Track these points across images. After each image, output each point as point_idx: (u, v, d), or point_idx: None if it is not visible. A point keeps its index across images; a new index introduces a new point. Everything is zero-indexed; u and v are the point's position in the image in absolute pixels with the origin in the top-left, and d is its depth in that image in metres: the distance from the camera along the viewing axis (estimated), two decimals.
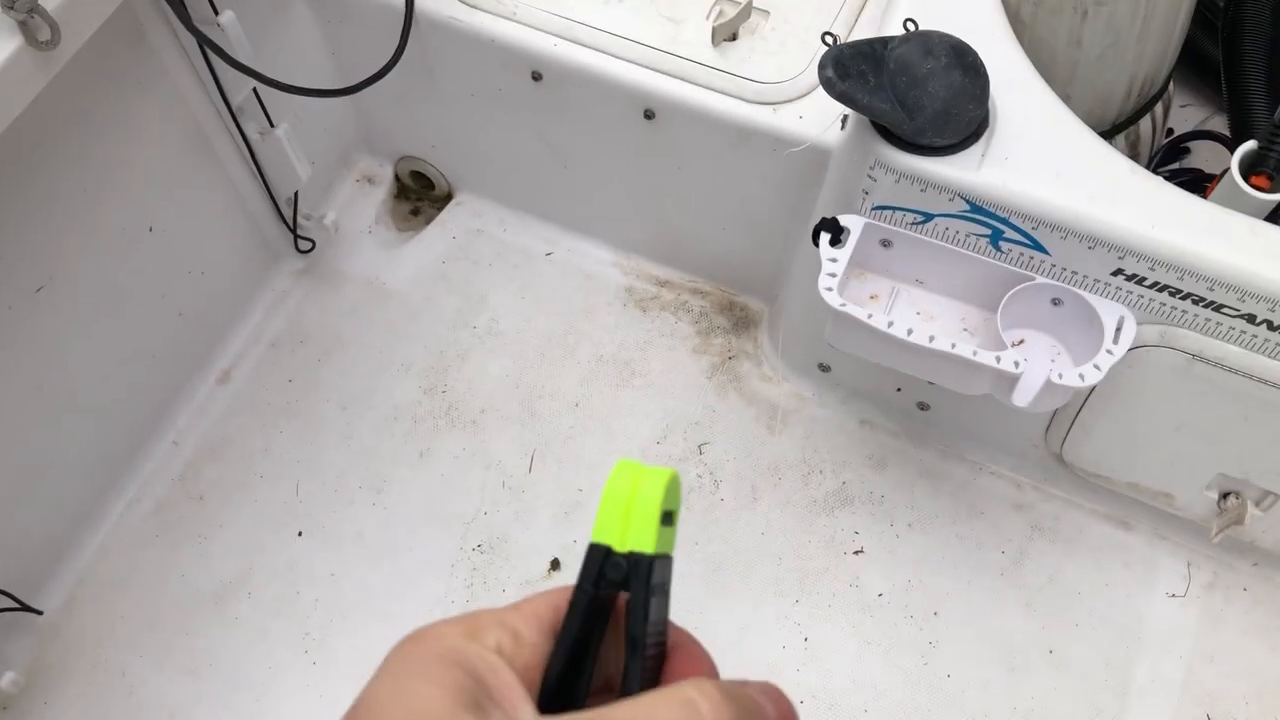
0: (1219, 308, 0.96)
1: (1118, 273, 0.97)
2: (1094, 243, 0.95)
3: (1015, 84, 1.00)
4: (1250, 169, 1.04)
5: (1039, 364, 0.98)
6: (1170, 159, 1.47)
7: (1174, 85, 1.29)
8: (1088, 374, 0.95)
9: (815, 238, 1.02)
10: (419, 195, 1.58)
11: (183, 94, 1.19)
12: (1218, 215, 0.95)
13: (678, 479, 0.36)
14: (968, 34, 0.95)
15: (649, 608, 0.35)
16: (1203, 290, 0.95)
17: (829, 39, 0.95)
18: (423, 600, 1.25)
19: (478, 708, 0.31)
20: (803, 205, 1.21)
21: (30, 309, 1.10)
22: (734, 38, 1.18)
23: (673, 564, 0.36)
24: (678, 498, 0.37)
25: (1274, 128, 1.05)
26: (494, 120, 1.36)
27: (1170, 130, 1.44)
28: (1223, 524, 1.16)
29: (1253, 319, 0.95)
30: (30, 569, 1.23)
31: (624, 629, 0.35)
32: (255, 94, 1.24)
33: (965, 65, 0.92)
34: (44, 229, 1.09)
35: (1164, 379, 1.04)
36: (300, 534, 1.29)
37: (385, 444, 1.35)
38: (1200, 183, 1.39)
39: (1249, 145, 1.04)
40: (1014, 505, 1.30)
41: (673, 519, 0.36)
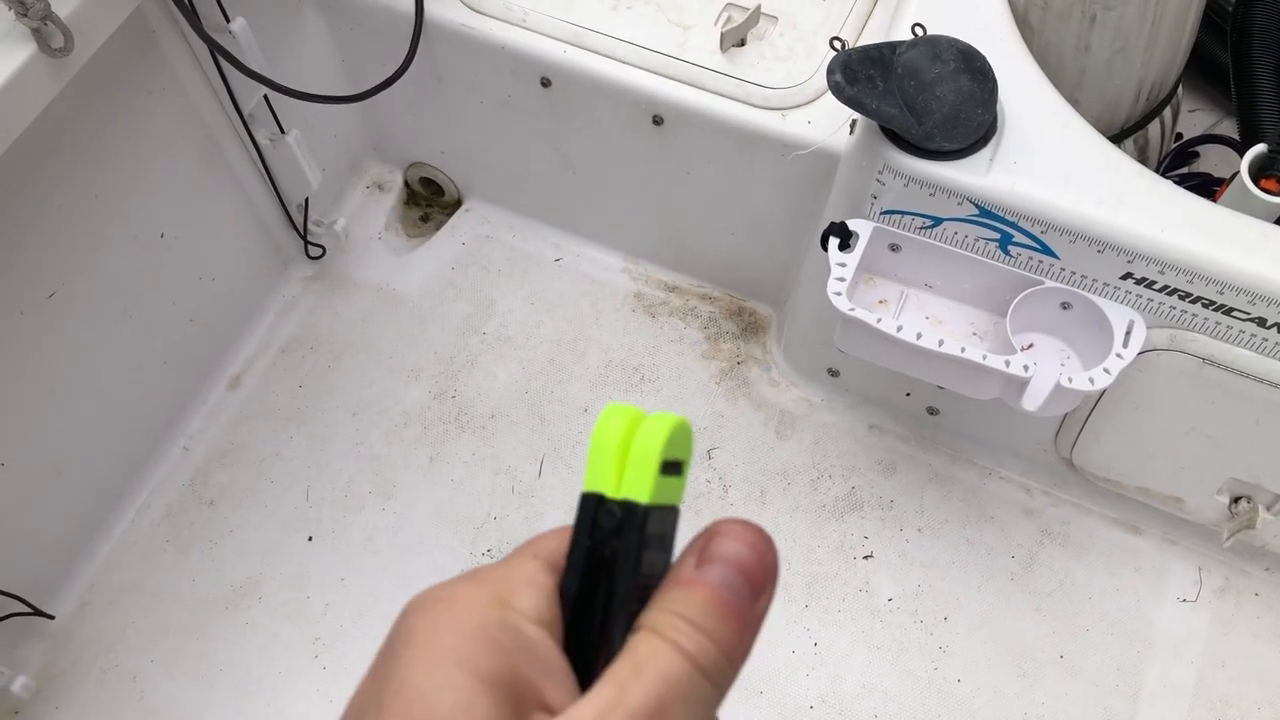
0: (1229, 311, 0.95)
1: (1127, 276, 0.97)
2: (1103, 246, 0.95)
3: (1023, 88, 1.00)
4: (1260, 173, 1.04)
5: (1048, 368, 0.98)
6: (1179, 163, 1.47)
7: (1183, 90, 1.29)
8: (1098, 378, 0.95)
9: (824, 242, 1.02)
10: (428, 201, 1.58)
11: (194, 101, 1.20)
12: (1228, 219, 0.95)
13: (687, 426, 0.34)
14: (976, 39, 0.95)
15: (640, 560, 0.32)
16: (1213, 294, 0.95)
17: (837, 44, 0.95)
18: None
19: (512, 699, 0.29)
20: (811, 210, 1.21)
21: (43, 315, 1.11)
22: (742, 43, 1.19)
23: (678, 517, 0.34)
24: (688, 448, 0.34)
25: None
26: (503, 127, 1.36)
27: (1179, 135, 1.44)
28: (1234, 528, 1.15)
29: (1263, 322, 0.95)
30: (42, 574, 1.24)
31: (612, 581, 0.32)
32: (266, 101, 1.25)
33: (973, 70, 0.92)
34: (56, 235, 1.09)
35: (1174, 383, 1.04)
36: (310, 539, 1.29)
37: (395, 449, 1.35)
38: (1209, 187, 1.39)
39: (1259, 149, 1.04)
40: (1024, 510, 1.30)
41: (681, 470, 0.34)
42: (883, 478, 1.32)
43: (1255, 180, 1.03)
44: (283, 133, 1.28)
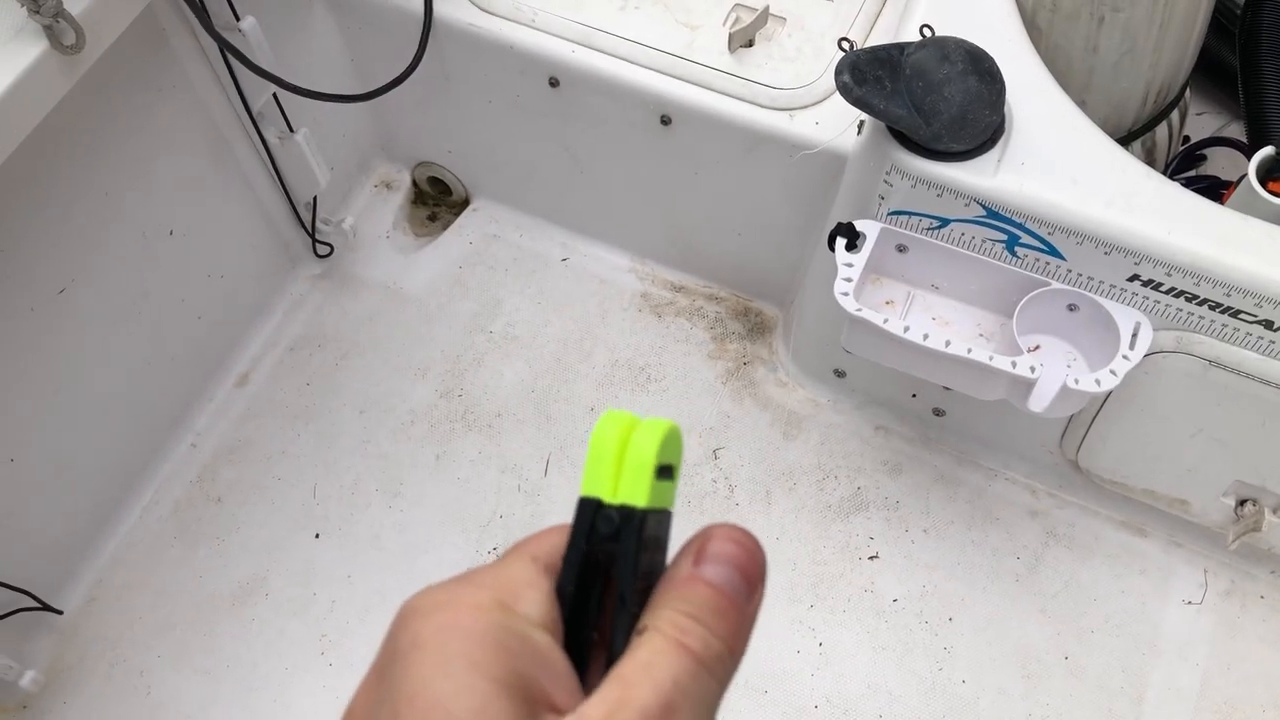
0: (1236, 313, 0.96)
1: (1134, 278, 0.97)
2: (1110, 248, 0.95)
3: (1031, 90, 1.00)
4: (1268, 175, 1.04)
5: (1055, 369, 0.98)
6: (1186, 166, 1.47)
7: (1190, 92, 1.29)
8: (1104, 379, 0.95)
9: (831, 243, 1.03)
10: (436, 201, 1.59)
11: (203, 99, 1.20)
12: (1235, 221, 0.95)
13: (678, 431, 0.34)
14: (984, 40, 0.95)
15: (639, 563, 0.33)
16: (1220, 296, 0.95)
17: (845, 45, 0.95)
18: None
19: (526, 702, 0.30)
20: (818, 211, 1.21)
21: (52, 311, 1.12)
22: (750, 44, 1.19)
23: (671, 520, 0.35)
24: (678, 452, 0.35)
25: None
26: (511, 126, 1.36)
27: (1186, 137, 1.44)
28: (1240, 531, 1.15)
29: (1270, 324, 0.95)
30: (51, 569, 1.24)
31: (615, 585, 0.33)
32: (275, 99, 1.25)
33: (981, 71, 0.92)
34: (66, 232, 1.10)
35: (1180, 385, 1.04)
36: (317, 536, 1.30)
37: (402, 447, 1.35)
38: (1216, 190, 1.38)
39: (1266, 151, 1.04)
40: (1029, 511, 1.30)
41: (673, 474, 0.34)
42: (888, 478, 1.32)
43: (1263, 183, 1.02)
44: (292, 131, 1.28)
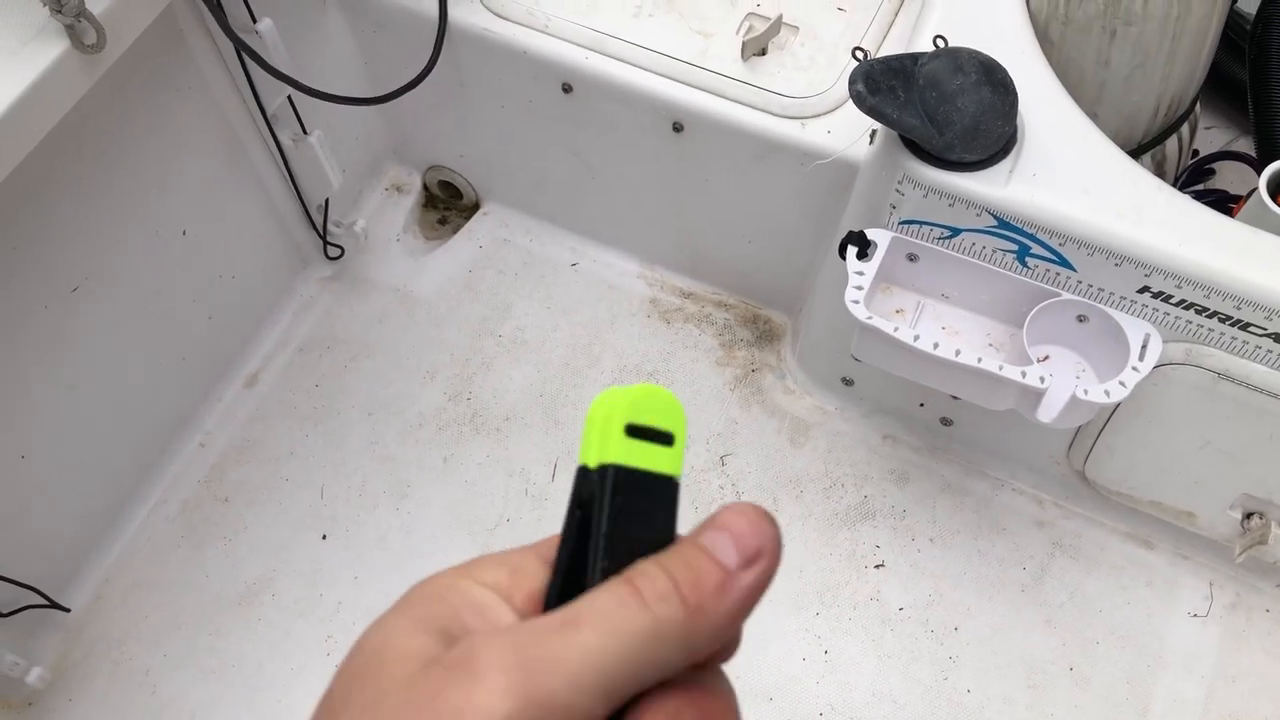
0: (1246, 326, 0.96)
1: (1144, 290, 0.97)
2: (1121, 260, 0.96)
3: (1043, 101, 1.01)
4: (1278, 189, 1.04)
5: (1064, 380, 0.98)
6: (1195, 180, 1.47)
7: (1200, 107, 1.30)
8: (1113, 391, 0.96)
9: (842, 251, 1.03)
10: (447, 204, 1.59)
11: (219, 99, 1.21)
12: (1245, 234, 0.95)
13: (661, 393, 0.34)
14: (996, 51, 0.96)
15: (611, 511, 0.33)
16: (1229, 309, 0.95)
17: (859, 54, 0.96)
18: None
19: (444, 634, 0.31)
20: (829, 219, 1.21)
21: (65, 309, 1.12)
22: (763, 53, 1.19)
23: (676, 489, 0.34)
24: (669, 415, 0.34)
25: None
26: (523, 131, 1.37)
27: (1195, 151, 1.45)
28: (1246, 544, 1.15)
29: (1279, 338, 0.95)
30: (59, 567, 1.24)
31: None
32: (290, 101, 1.26)
33: (994, 82, 0.93)
34: (80, 230, 1.11)
35: (1189, 397, 1.04)
36: (324, 537, 1.30)
37: (410, 450, 1.36)
38: (1225, 204, 1.39)
39: (1277, 165, 1.04)
40: (1036, 522, 1.30)
41: (665, 439, 0.34)
42: (895, 487, 1.33)
43: (1273, 196, 1.03)
44: (305, 133, 1.29)
